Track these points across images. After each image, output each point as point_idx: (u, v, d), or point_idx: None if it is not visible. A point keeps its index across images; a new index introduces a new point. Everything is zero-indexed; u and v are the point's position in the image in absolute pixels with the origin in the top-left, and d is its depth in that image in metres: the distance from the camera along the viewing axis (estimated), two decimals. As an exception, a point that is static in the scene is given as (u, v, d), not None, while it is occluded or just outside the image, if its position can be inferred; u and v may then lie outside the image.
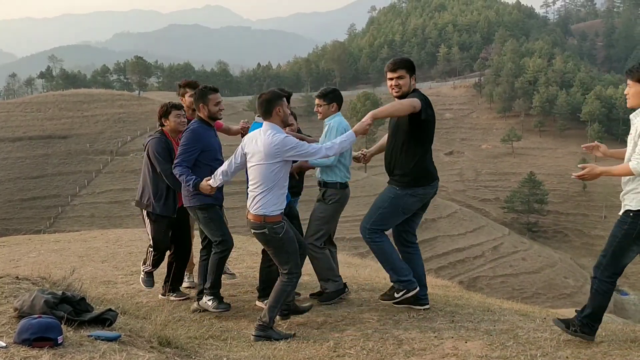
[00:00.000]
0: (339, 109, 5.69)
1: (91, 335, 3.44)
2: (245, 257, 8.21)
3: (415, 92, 5.11)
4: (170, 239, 5.93)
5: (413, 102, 4.95)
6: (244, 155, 4.88)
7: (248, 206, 4.79)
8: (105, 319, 3.72)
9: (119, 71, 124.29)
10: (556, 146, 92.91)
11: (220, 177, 5.07)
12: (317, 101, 5.71)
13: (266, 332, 4.72)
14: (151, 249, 5.88)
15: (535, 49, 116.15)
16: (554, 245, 68.24)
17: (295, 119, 5.99)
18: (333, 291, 5.67)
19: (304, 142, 4.83)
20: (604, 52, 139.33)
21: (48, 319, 3.26)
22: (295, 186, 5.62)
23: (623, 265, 4.30)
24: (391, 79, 5.14)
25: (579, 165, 4.34)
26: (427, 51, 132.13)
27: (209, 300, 5.37)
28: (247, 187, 5.08)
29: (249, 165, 4.82)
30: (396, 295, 5.29)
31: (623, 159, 4.41)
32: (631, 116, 4.30)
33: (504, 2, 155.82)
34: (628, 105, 4.29)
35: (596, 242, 72.94)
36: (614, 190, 78.20)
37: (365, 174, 59.59)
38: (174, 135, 5.86)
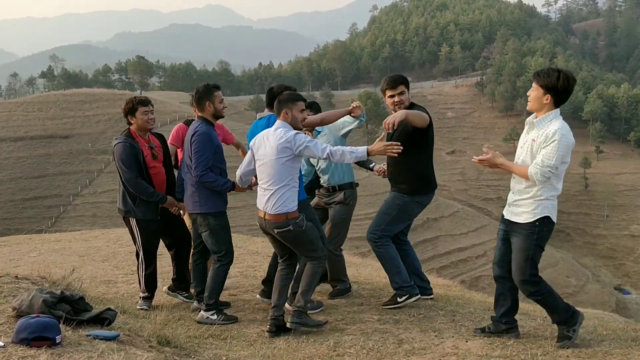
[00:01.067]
0: None
1: (90, 335, 3.42)
2: (246, 257, 8.20)
3: (417, 106, 5.32)
4: (168, 241, 5.69)
5: (426, 117, 5.15)
6: (254, 155, 4.87)
7: (261, 206, 4.75)
8: (104, 319, 3.70)
9: (120, 71, 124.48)
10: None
11: (242, 180, 5.10)
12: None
13: (302, 319, 4.77)
14: (141, 262, 5.49)
15: (537, 48, 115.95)
16: (555, 244, 68.02)
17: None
18: (342, 289, 5.94)
19: (315, 140, 4.86)
20: (606, 51, 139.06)
21: (46, 319, 3.24)
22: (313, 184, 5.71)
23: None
24: (392, 95, 5.28)
25: (484, 149, 4.34)
26: (429, 50, 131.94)
27: (212, 314, 5.10)
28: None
29: (258, 163, 4.80)
30: (399, 300, 5.40)
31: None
32: (531, 120, 4.35)
33: (505, 1, 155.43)
34: (528, 107, 4.39)
35: (598, 241, 72.86)
36: (616, 190, 78.34)
37: (366, 173, 59.54)
38: (142, 134, 5.43)
